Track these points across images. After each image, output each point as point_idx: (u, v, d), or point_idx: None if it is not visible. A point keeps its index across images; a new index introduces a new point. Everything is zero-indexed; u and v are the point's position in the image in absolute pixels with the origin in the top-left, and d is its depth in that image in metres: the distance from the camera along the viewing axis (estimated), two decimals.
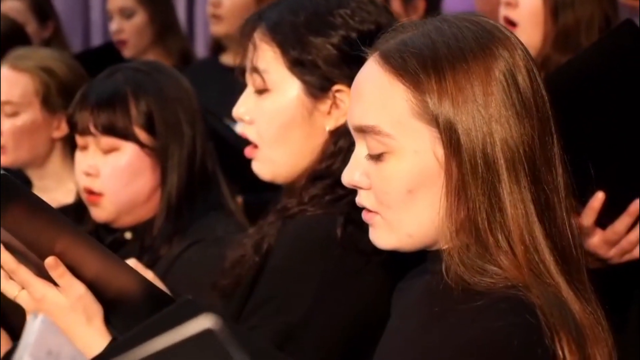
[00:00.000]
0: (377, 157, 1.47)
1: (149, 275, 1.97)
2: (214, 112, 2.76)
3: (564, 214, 1.47)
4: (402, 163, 1.45)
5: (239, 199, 2.49)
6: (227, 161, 2.37)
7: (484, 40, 1.46)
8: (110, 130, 2.27)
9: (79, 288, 1.67)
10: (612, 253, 2.12)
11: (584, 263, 1.49)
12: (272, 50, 1.91)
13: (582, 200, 2.04)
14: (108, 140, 2.28)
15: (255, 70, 1.92)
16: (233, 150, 2.33)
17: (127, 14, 4.37)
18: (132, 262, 1.94)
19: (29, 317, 1.69)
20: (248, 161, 1.97)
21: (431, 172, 1.45)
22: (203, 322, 1.43)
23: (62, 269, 1.66)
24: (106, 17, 4.86)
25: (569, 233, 1.47)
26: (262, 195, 2.37)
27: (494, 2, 3.53)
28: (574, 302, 1.43)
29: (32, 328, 1.35)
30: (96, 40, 5.88)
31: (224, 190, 2.33)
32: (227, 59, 4.08)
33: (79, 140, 2.32)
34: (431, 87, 1.43)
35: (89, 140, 2.30)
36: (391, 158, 1.46)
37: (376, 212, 1.49)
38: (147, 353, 1.36)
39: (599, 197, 2.06)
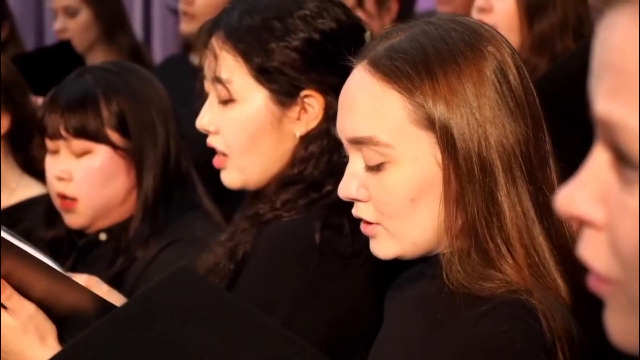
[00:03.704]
0: (376, 168, 1.44)
1: (103, 289, 1.91)
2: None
3: None
4: (403, 172, 1.43)
5: None
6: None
7: (472, 40, 1.45)
8: (82, 132, 2.21)
9: (29, 308, 1.64)
10: None
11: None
12: (235, 59, 1.86)
13: None
14: (80, 143, 2.22)
15: (218, 80, 1.87)
16: None
17: (71, 12, 4.29)
18: (83, 278, 1.88)
19: None
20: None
21: (433, 178, 1.43)
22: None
23: (9, 290, 1.63)
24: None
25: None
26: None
27: (457, 3, 3.55)
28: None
29: None
30: (49, 39, 5.79)
31: (199, 189, 2.30)
32: (196, 58, 4.04)
33: (50, 144, 2.26)
34: (426, 90, 1.41)
35: (60, 144, 2.24)
36: (392, 167, 1.43)
37: (377, 223, 1.46)
38: None
39: None
